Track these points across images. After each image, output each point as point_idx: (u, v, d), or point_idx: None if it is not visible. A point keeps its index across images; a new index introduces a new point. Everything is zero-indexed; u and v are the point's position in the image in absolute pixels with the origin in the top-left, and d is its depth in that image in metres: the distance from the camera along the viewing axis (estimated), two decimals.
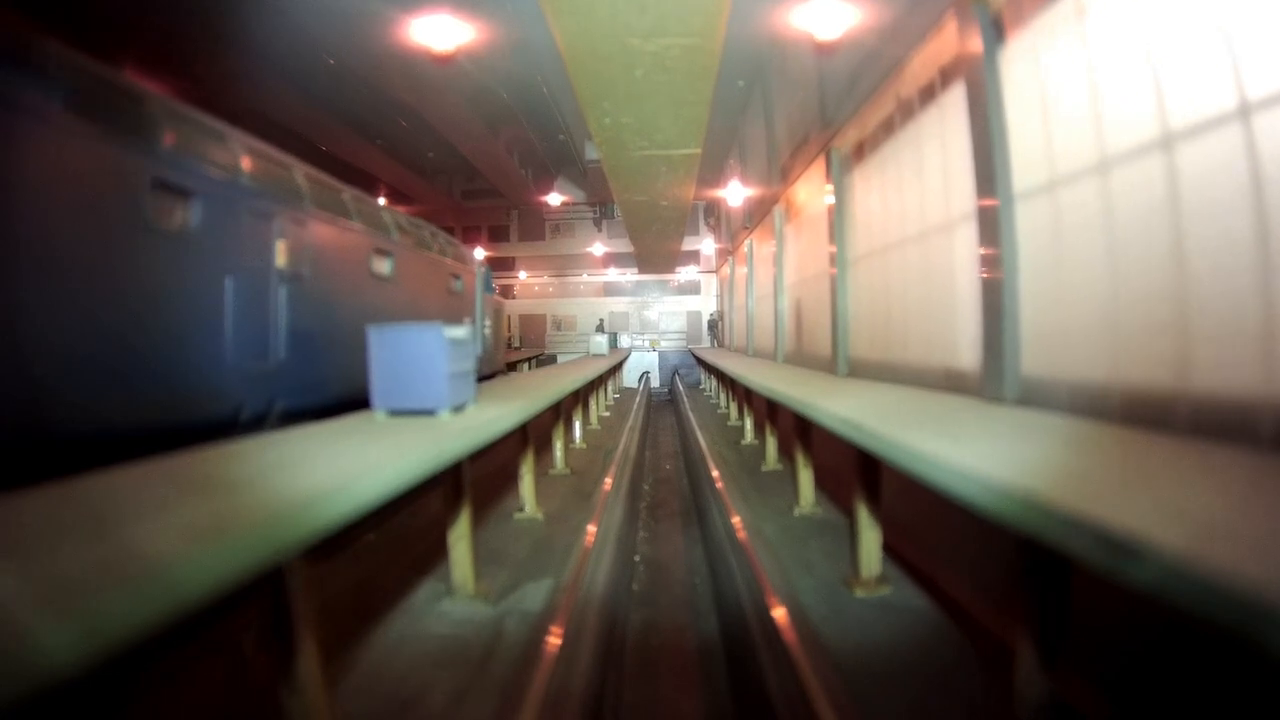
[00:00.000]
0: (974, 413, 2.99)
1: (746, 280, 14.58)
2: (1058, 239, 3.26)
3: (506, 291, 25.36)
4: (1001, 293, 3.66)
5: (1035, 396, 3.44)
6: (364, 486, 1.60)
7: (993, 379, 3.73)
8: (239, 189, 4.66)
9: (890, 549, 3.71)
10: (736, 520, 5.02)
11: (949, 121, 4.41)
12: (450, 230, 24.85)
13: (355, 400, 3.70)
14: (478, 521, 3.88)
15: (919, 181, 5.03)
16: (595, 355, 14.05)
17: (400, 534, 4.73)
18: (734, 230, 17.47)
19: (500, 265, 25.44)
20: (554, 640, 3.01)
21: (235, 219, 4.58)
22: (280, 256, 5.04)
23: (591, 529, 4.81)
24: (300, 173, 5.68)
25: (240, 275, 4.55)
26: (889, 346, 5.75)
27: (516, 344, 24.31)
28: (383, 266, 6.74)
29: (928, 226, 4.90)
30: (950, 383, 4.42)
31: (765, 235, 12.29)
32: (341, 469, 1.78)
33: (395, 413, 3.13)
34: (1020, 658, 2.06)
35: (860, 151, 6.44)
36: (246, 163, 4.82)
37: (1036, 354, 3.48)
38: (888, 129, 5.67)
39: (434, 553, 3.94)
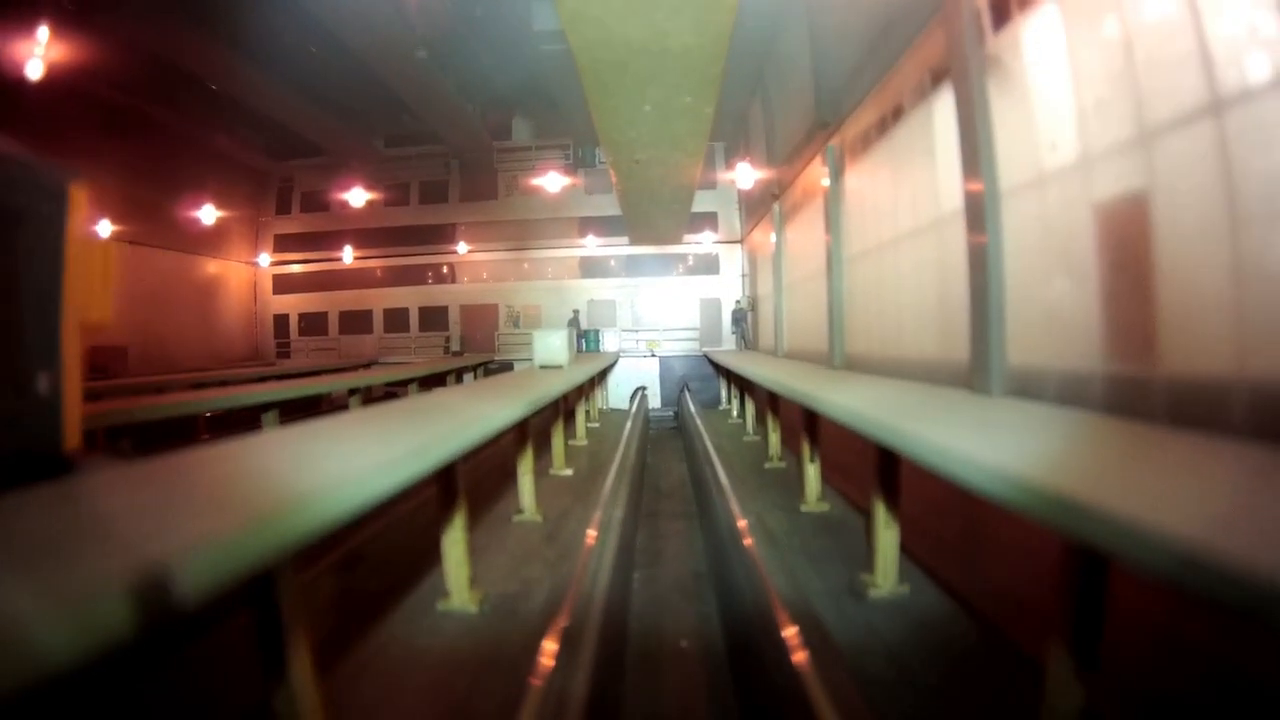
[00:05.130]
0: None
1: (833, 234, 8.11)
2: None
3: (451, 272, 18.65)
4: None
5: None
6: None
7: None
8: None
9: None
10: None
11: None
12: (368, 189, 18.14)
13: None
14: None
15: None
16: (547, 368, 7.62)
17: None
18: (782, 158, 11.00)
19: (436, 236, 18.63)
20: None
21: None
22: None
23: None
24: None
25: None
26: None
27: (456, 348, 17.62)
28: None
29: None
30: None
31: (864, 141, 5.90)
32: None
33: None
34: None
35: None
36: None
37: None
38: None
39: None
